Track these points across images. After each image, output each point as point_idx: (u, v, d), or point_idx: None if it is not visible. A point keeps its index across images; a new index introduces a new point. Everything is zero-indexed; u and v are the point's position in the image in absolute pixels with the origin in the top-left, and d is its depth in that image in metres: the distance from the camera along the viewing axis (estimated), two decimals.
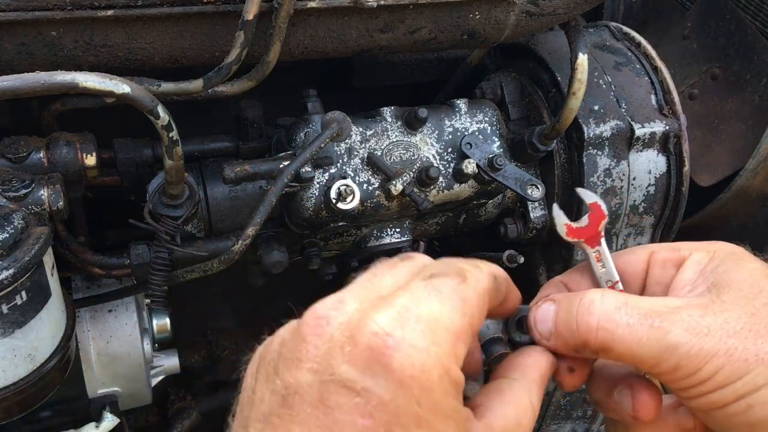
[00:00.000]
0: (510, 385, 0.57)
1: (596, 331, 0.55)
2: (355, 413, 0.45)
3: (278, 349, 0.50)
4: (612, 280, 0.64)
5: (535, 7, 0.95)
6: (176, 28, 0.82)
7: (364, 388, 0.45)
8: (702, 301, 0.55)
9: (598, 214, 0.66)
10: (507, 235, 1.16)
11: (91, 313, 1.12)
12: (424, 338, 0.47)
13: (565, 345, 0.59)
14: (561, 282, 0.68)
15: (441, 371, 0.47)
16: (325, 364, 0.47)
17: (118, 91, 0.76)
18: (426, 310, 0.48)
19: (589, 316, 0.56)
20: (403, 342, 0.46)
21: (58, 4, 0.75)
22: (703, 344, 0.52)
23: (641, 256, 0.64)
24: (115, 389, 1.16)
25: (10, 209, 0.78)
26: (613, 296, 0.57)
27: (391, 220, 1.04)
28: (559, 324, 0.59)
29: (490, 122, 1.05)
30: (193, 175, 0.98)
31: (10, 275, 0.73)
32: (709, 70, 1.39)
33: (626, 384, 0.60)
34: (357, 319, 0.48)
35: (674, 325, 0.53)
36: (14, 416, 0.84)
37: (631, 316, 0.55)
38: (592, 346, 0.56)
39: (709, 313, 0.54)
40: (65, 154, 0.87)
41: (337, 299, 0.50)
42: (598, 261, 0.65)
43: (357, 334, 0.47)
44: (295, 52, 0.90)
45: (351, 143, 0.98)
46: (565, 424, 1.49)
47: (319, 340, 0.48)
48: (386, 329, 0.46)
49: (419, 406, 0.46)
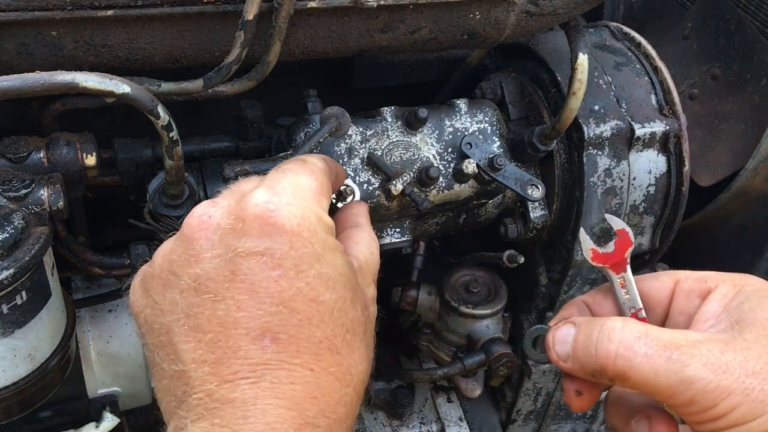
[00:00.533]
0: (354, 231, 0.68)
1: (614, 359, 0.57)
2: (267, 269, 0.52)
3: (167, 259, 0.56)
4: (635, 307, 0.65)
5: (535, 7, 0.95)
6: (176, 28, 0.82)
7: (266, 248, 0.53)
8: (723, 337, 0.56)
9: (624, 241, 0.67)
10: (507, 235, 1.16)
11: (91, 313, 1.12)
12: (295, 197, 0.56)
13: (581, 369, 0.61)
14: (584, 302, 0.69)
15: (316, 217, 0.57)
16: (225, 246, 0.54)
17: (118, 91, 0.76)
18: (288, 181, 0.58)
19: (609, 343, 0.57)
20: (281, 204, 0.55)
21: (58, 4, 0.75)
22: (720, 381, 0.53)
23: (666, 284, 0.65)
24: (115, 389, 1.16)
25: (10, 209, 0.78)
26: (634, 326, 0.58)
27: (391, 220, 1.04)
28: (578, 348, 0.61)
29: (490, 122, 1.05)
30: (193, 175, 0.98)
31: (10, 275, 0.73)
32: (709, 70, 1.39)
33: (644, 415, 0.62)
34: (236, 204, 0.55)
35: (693, 359, 0.54)
36: (14, 416, 0.84)
37: (650, 347, 0.56)
38: (609, 374, 0.58)
39: (729, 350, 0.54)
40: (65, 154, 0.87)
41: (208, 202, 0.58)
42: (623, 287, 0.65)
43: (242, 212, 0.54)
44: (295, 52, 0.90)
45: (351, 143, 0.98)
46: (565, 424, 1.49)
47: (208, 232, 0.55)
48: (264, 200, 0.55)
49: (313, 245, 0.54)
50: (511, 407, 1.42)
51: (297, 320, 0.52)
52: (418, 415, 1.41)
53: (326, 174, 0.64)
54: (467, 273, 1.27)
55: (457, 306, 1.22)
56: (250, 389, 0.51)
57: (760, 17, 1.31)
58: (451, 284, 1.25)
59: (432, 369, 1.30)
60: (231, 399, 0.50)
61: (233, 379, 0.51)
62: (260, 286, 0.52)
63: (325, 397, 0.52)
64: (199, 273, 0.54)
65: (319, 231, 0.56)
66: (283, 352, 0.52)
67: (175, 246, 0.57)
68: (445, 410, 1.41)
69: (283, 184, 0.57)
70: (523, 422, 1.45)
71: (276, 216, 0.54)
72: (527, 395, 1.39)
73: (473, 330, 1.23)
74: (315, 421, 0.51)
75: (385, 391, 1.38)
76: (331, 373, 0.53)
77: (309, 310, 0.53)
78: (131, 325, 1.13)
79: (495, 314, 1.23)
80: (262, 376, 0.51)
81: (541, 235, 1.17)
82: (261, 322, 0.52)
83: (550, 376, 1.35)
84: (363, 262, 0.64)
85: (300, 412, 0.51)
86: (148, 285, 0.58)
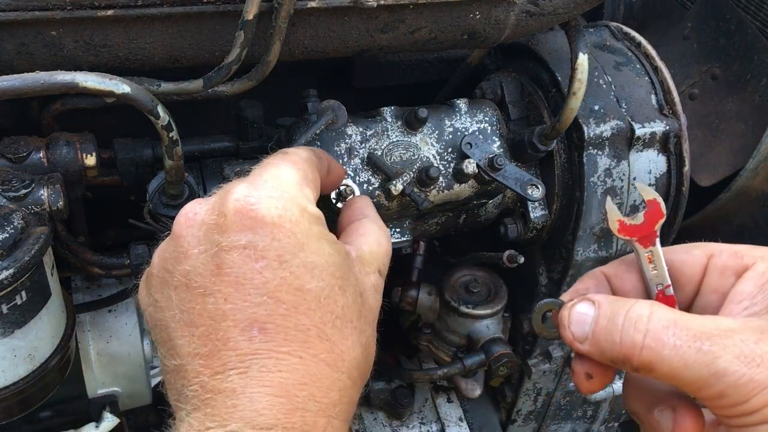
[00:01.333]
0: (360, 223, 0.68)
1: (641, 349, 0.53)
2: (250, 261, 0.54)
3: (161, 258, 0.58)
4: (663, 284, 0.59)
5: (535, 7, 0.95)
6: (176, 28, 0.82)
7: (248, 241, 0.54)
8: (759, 325, 0.52)
9: (655, 212, 0.61)
10: (507, 235, 1.16)
11: (91, 313, 1.12)
12: (275, 189, 0.57)
13: (600, 354, 0.56)
14: (603, 275, 0.64)
15: (299, 208, 0.57)
16: (209, 242, 0.55)
17: (118, 91, 0.76)
18: (268, 174, 0.59)
19: (635, 332, 0.53)
20: (261, 197, 0.56)
21: (58, 4, 0.75)
22: (754, 374, 0.49)
23: (699, 259, 0.60)
24: (115, 389, 1.16)
25: (10, 209, 0.78)
26: (663, 313, 0.53)
27: (391, 220, 1.04)
28: (599, 333, 0.56)
29: (490, 122, 1.05)
30: (193, 175, 0.98)
31: (10, 275, 0.73)
32: (709, 70, 1.39)
33: (669, 405, 0.58)
34: (219, 201, 0.57)
35: (725, 350, 0.50)
36: (14, 416, 0.84)
37: (679, 337, 0.52)
38: (634, 364, 0.54)
39: (765, 340, 0.50)
40: (65, 154, 0.87)
41: (196, 200, 0.60)
42: (650, 262, 0.60)
43: (223, 208, 0.56)
44: (295, 52, 0.90)
45: (351, 143, 0.98)
46: (565, 424, 1.49)
47: (193, 229, 0.56)
48: (244, 194, 0.56)
49: (295, 234, 0.55)
50: (511, 407, 1.42)
51: (283, 309, 0.53)
52: (418, 415, 1.40)
53: (311, 163, 0.64)
54: (467, 273, 1.27)
55: (457, 306, 1.22)
56: (240, 379, 0.51)
57: (760, 17, 1.31)
58: (451, 284, 1.25)
59: (432, 369, 1.30)
60: (222, 389, 0.51)
61: (223, 370, 0.52)
62: (245, 278, 0.53)
63: (316, 383, 0.53)
64: (188, 269, 0.55)
65: (302, 221, 0.56)
66: (270, 341, 0.52)
67: (168, 245, 0.59)
68: (445, 410, 1.41)
69: (264, 178, 0.58)
70: (523, 422, 1.45)
71: (256, 209, 0.55)
72: (527, 395, 1.39)
73: (473, 330, 1.23)
74: (305, 406, 0.52)
75: (385, 391, 1.38)
76: (321, 359, 0.54)
77: (295, 299, 0.54)
78: (131, 325, 1.13)
79: (495, 314, 1.23)
80: (250, 366, 0.52)
81: (541, 235, 1.17)
82: (248, 313, 0.53)
83: (550, 376, 1.35)
84: (365, 252, 0.64)
85: (288, 398, 0.51)
86: (149, 284, 0.59)
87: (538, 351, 1.31)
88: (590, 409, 1.47)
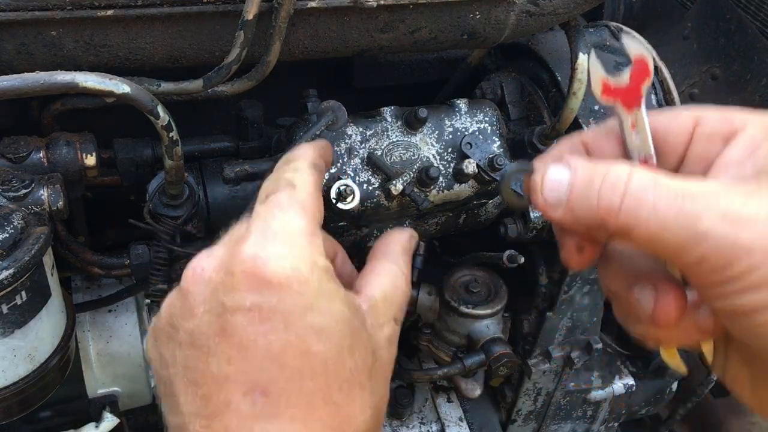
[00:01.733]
0: (378, 263, 0.64)
1: (618, 212, 0.48)
2: (255, 324, 0.52)
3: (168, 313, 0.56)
4: (646, 154, 0.54)
5: (535, 7, 0.95)
6: (176, 28, 0.82)
7: (253, 303, 0.52)
8: (747, 188, 0.47)
9: (642, 70, 0.55)
10: (507, 235, 1.16)
11: (91, 313, 1.12)
12: (284, 246, 0.54)
13: (575, 221, 0.51)
14: (581, 142, 0.59)
15: (309, 264, 0.54)
16: (215, 302, 0.53)
17: (118, 91, 0.76)
18: (276, 225, 0.55)
19: (613, 194, 0.48)
20: (269, 256, 0.53)
21: (58, 4, 0.75)
22: (738, 236, 0.44)
23: (685, 125, 0.54)
24: (115, 389, 1.16)
25: (10, 209, 0.78)
26: (643, 174, 0.48)
27: (391, 220, 1.04)
28: (575, 197, 0.51)
29: (490, 122, 1.05)
30: (193, 175, 0.98)
31: (10, 275, 0.73)
32: (709, 70, 1.39)
33: (649, 281, 0.53)
34: (227, 258, 0.55)
35: (708, 210, 0.45)
36: (14, 416, 0.84)
37: (660, 197, 0.46)
38: (610, 228, 0.49)
39: (752, 202, 0.45)
40: (65, 154, 0.87)
41: (205, 252, 0.57)
42: (633, 129, 0.54)
43: (231, 267, 0.53)
44: (295, 52, 0.90)
45: (351, 143, 0.98)
46: (565, 424, 1.49)
47: (200, 287, 0.55)
48: (252, 253, 0.53)
49: (303, 295, 0.53)
50: (511, 407, 1.42)
51: (287, 373, 0.52)
52: (418, 415, 1.40)
53: (317, 192, 0.61)
54: (467, 273, 1.27)
55: (457, 306, 1.22)
56: None
57: (760, 17, 1.31)
58: (451, 284, 1.25)
59: (432, 369, 1.30)
60: None
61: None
62: (248, 341, 0.52)
63: None
64: (193, 327, 0.54)
65: (312, 279, 0.54)
66: (273, 405, 0.51)
67: (175, 299, 0.57)
68: (445, 410, 1.41)
69: (273, 229, 0.55)
70: (523, 422, 1.45)
71: (263, 271, 0.53)
72: (527, 395, 1.39)
73: (473, 330, 1.23)
74: None
75: None
76: (326, 425, 0.52)
77: (299, 363, 0.52)
78: (131, 325, 1.13)
79: (495, 314, 1.23)
80: (252, 430, 0.51)
81: (541, 235, 1.17)
82: (251, 376, 0.51)
83: (550, 376, 1.35)
84: (378, 299, 0.60)
85: None
86: (156, 337, 0.58)
87: (538, 351, 1.31)
88: (590, 409, 1.47)
